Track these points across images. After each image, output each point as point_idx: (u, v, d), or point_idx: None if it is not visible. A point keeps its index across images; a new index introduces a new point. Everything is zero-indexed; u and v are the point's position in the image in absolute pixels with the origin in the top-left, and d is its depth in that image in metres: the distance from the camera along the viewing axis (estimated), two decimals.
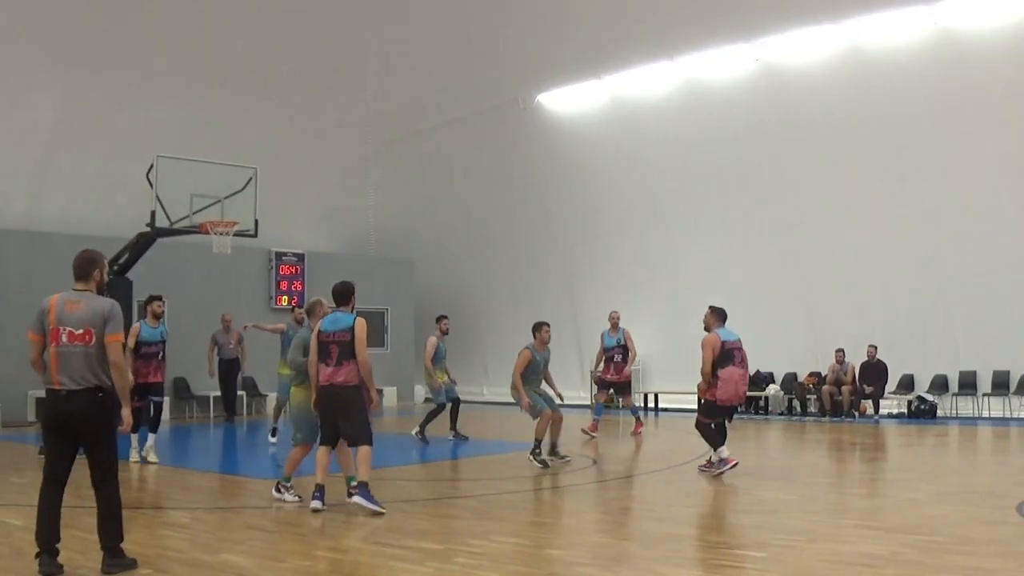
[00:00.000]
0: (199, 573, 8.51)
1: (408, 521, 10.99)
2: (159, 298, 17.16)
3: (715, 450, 14.69)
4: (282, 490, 12.57)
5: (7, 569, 8.69)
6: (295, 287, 30.34)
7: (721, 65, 26.77)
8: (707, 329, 14.82)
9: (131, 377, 13.97)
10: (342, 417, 11.61)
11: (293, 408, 12.82)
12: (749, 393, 26.62)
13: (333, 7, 27.98)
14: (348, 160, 33.69)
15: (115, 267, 22.92)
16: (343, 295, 12.03)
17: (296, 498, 12.39)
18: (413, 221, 34.75)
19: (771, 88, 25.90)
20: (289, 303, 29.16)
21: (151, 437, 16.75)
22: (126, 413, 8.66)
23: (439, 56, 29.73)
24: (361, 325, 11.63)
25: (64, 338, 8.47)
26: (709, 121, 27.17)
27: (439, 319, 20.95)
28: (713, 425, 14.87)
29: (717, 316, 14.85)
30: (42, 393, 23.49)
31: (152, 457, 16.45)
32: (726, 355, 14.43)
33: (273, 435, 20.27)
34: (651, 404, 28.76)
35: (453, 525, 10.88)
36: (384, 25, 28.74)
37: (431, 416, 20.34)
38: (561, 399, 16.99)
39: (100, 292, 8.88)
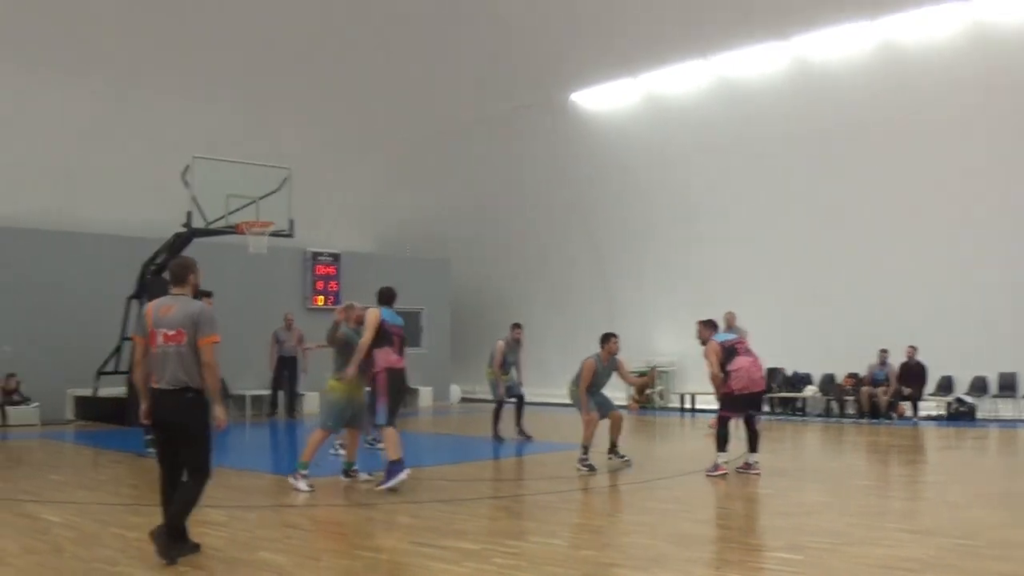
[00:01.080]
0: (237, 571, 8.53)
1: (446, 521, 10.96)
2: (208, 294, 17.32)
3: (717, 451, 14.72)
4: (298, 478, 13.03)
5: (45, 565, 8.72)
6: (331, 287, 30.34)
7: (755, 63, 26.68)
8: (703, 342, 15.18)
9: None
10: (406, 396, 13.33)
11: (329, 398, 13.63)
12: (786, 394, 26.71)
13: (367, 8, 28.03)
14: (384, 160, 33.74)
15: (152, 267, 23.07)
16: (388, 296, 13.67)
17: (309, 488, 12.89)
18: (448, 221, 34.73)
19: (804, 86, 25.78)
20: (325, 303, 29.26)
21: None
22: (219, 411, 8.93)
23: (473, 55, 29.74)
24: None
25: (160, 340, 8.84)
26: (743, 119, 27.06)
27: (513, 327, 21.04)
28: (743, 424, 15.01)
29: (708, 326, 15.29)
30: (81, 392, 23.81)
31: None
32: (729, 351, 14.79)
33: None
34: (686, 405, 28.65)
35: (491, 525, 10.86)
36: (419, 25, 28.77)
37: (497, 414, 20.76)
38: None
39: (195, 296, 9.27)
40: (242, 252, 23.35)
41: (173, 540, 8.70)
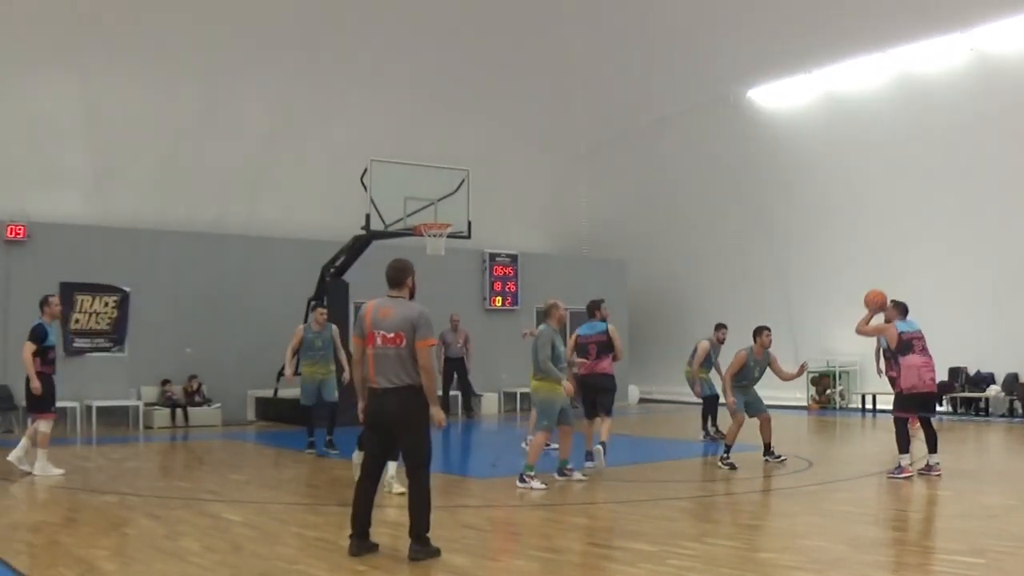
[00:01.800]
0: (415, 570, 8.54)
1: (622, 522, 10.89)
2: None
3: (899, 454, 14.30)
4: (527, 479, 13.31)
5: (225, 563, 8.84)
6: (508, 288, 30.42)
7: (934, 56, 25.84)
8: (887, 320, 15.42)
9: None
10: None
11: (537, 398, 14.26)
12: (969, 394, 25.93)
13: (542, 8, 28.02)
14: (560, 160, 33.70)
15: (331, 269, 23.37)
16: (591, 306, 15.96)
17: (543, 486, 13.19)
18: (626, 220, 34.51)
19: (987, 79, 24.95)
20: (503, 304, 29.36)
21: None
22: (435, 411, 9.08)
23: (649, 54, 29.48)
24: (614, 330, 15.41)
25: (378, 341, 9.03)
26: (922, 114, 26.21)
27: (718, 327, 21.04)
28: (921, 426, 14.64)
29: (899, 309, 15.04)
30: (262, 393, 24.20)
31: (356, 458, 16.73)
32: (905, 345, 14.38)
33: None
34: (867, 405, 27.99)
35: (668, 527, 10.67)
36: (594, 24, 28.66)
37: (705, 414, 20.89)
38: None
39: (411, 298, 9.36)
40: (420, 254, 23.34)
41: (419, 543, 8.91)
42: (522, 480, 13.33)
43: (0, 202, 23.38)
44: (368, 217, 21.98)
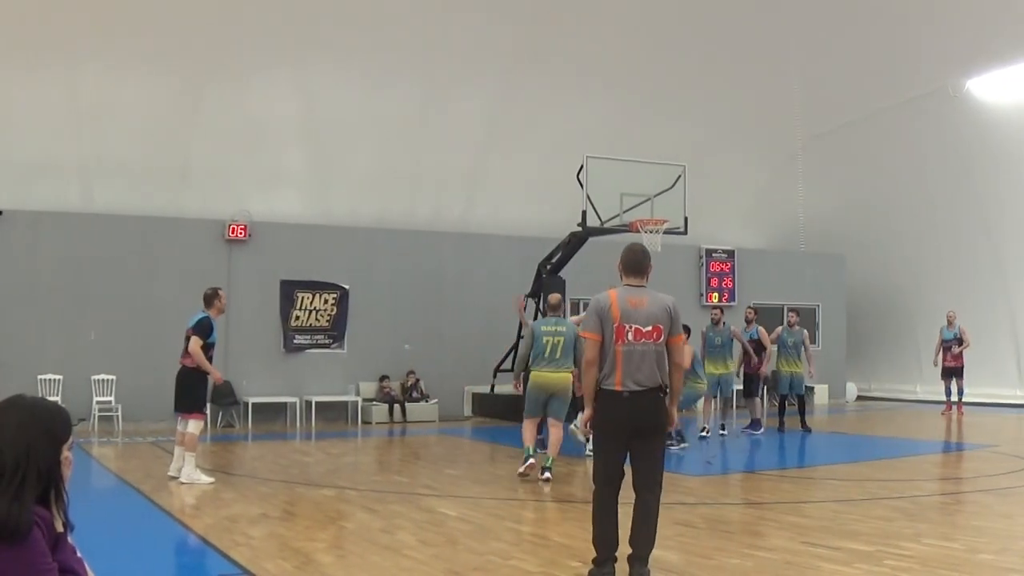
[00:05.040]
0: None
1: (839, 521, 10.60)
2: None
3: None
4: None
5: (440, 556, 8.86)
6: (725, 284, 30.04)
7: None
8: None
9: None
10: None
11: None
12: None
13: (756, 2, 27.48)
14: (776, 155, 33.07)
15: (548, 266, 23.34)
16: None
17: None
18: (843, 215, 33.66)
19: None
20: (719, 300, 28.99)
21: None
22: (673, 412, 8.12)
23: (864, 46, 28.60)
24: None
25: (630, 336, 7.93)
26: None
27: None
28: None
29: None
30: (479, 389, 24.36)
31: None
32: None
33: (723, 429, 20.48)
34: None
35: (884, 527, 10.31)
36: (809, 18, 27.99)
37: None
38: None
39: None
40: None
41: (639, 564, 7.86)
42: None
43: (223, 203, 24.05)
44: (584, 213, 21.86)
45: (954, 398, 25.94)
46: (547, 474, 13.75)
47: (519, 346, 14.90)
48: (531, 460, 13.97)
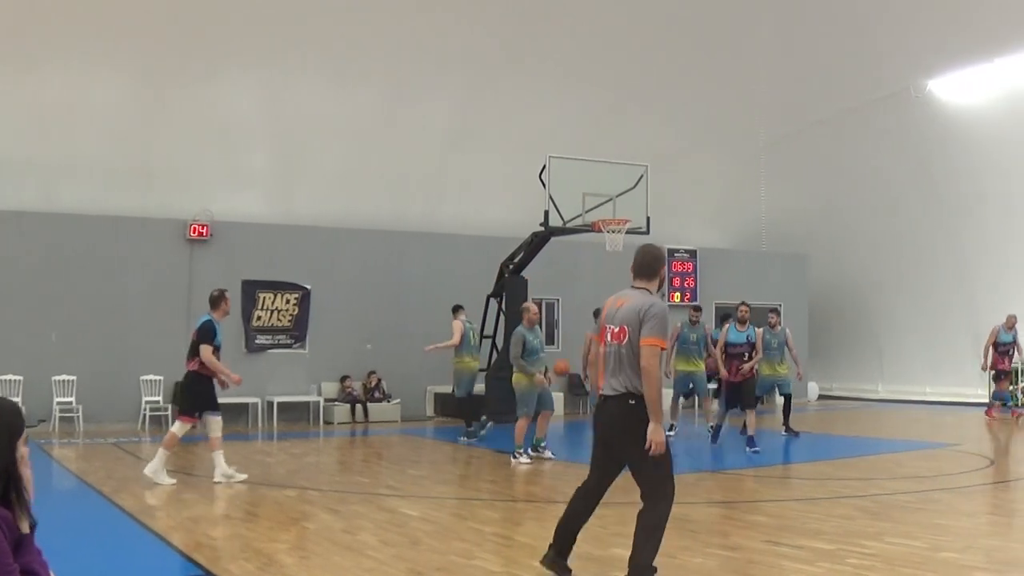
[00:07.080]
0: (588, 567, 8.40)
1: (801, 520, 10.65)
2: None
3: None
4: (518, 455, 15.75)
5: (402, 557, 8.84)
6: (687, 283, 30.15)
7: None
8: None
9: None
10: None
11: (519, 392, 16.12)
12: None
13: (721, 4, 27.54)
14: (740, 156, 33.16)
15: (510, 265, 23.34)
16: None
17: (528, 459, 15.70)
18: (805, 216, 33.81)
19: None
20: (681, 299, 29.07)
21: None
22: (653, 428, 7.36)
23: (827, 47, 28.70)
24: None
25: (608, 336, 7.78)
26: None
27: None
28: None
29: None
30: (440, 389, 24.39)
31: None
32: None
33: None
34: None
35: (847, 525, 10.37)
36: (769, 20, 28.05)
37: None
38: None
39: (658, 290, 8.11)
40: (599, 250, 23.34)
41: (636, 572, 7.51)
42: (513, 456, 15.79)
43: (185, 202, 23.95)
44: (547, 213, 21.90)
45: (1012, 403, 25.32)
46: (548, 452, 16.25)
47: (510, 348, 15.89)
48: (530, 452, 15.98)
